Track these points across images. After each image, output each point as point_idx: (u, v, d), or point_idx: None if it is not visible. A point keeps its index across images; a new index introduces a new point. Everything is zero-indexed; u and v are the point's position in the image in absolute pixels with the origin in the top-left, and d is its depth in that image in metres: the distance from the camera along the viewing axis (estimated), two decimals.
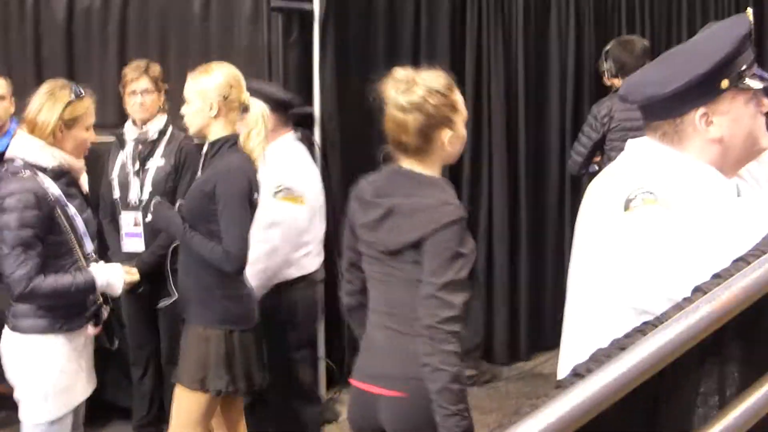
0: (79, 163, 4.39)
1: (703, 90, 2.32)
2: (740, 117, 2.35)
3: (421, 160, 3.34)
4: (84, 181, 4.55)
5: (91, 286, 4.18)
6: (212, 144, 4.36)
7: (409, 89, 3.42)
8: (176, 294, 4.80)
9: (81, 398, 4.34)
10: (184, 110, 4.39)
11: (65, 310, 4.18)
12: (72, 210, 4.22)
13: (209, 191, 4.22)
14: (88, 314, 4.29)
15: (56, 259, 4.14)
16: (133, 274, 4.54)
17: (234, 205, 4.22)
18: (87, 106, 4.32)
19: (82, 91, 4.31)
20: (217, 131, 4.33)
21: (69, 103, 4.22)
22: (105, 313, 4.40)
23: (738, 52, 2.32)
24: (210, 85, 4.31)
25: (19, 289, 4.03)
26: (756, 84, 2.35)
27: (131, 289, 5.33)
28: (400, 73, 3.45)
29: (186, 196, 4.42)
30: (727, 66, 2.31)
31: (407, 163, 3.37)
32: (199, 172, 4.49)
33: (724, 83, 2.32)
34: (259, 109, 4.42)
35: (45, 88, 4.29)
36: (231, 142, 4.32)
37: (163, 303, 5.11)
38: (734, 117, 2.35)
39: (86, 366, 4.35)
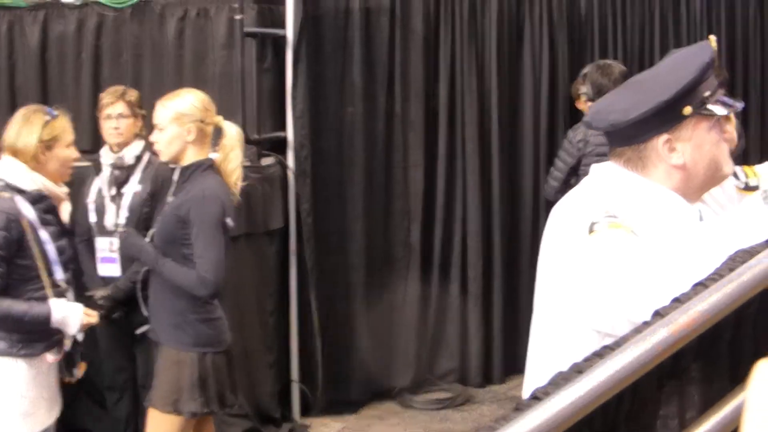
0: (61, 191, 4.41)
1: (666, 117, 2.35)
2: (703, 143, 2.38)
3: None
4: (65, 210, 4.55)
5: (45, 319, 4.16)
6: (185, 169, 4.37)
7: None
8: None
9: (42, 426, 4.30)
10: (156, 138, 4.39)
11: (24, 335, 4.18)
12: (45, 236, 4.22)
13: (183, 216, 4.24)
14: (49, 342, 4.28)
15: (23, 284, 4.14)
16: (92, 317, 4.49)
17: (208, 229, 4.23)
18: (63, 125, 4.36)
19: (56, 112, 4.34)
20: (191, 156, 4.34)
21: (45, 124, 4.25)
22: (67, 343, 4.38)
23: (700, 79, 2.34)
24: (185, 109, 4.32)
25: None
26: (719, 110, 2.37)
27: (107, 315, 5.34)
28: None
29: (158, 221, 4.43)
30: (690, 93, 2.34)
31: None
32: (170, 197, 4.48)
33: (687, 110, 2.34)
34: (235, 130, 4.42)
35: (19, 114, 4.33)
36: (204, 166, 4.33)
37: (142, 330, 5.09)
38: (697, 143, 2.38)
39: (48, 394, 4.32)
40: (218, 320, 4.46)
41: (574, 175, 6.21)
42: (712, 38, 2.46)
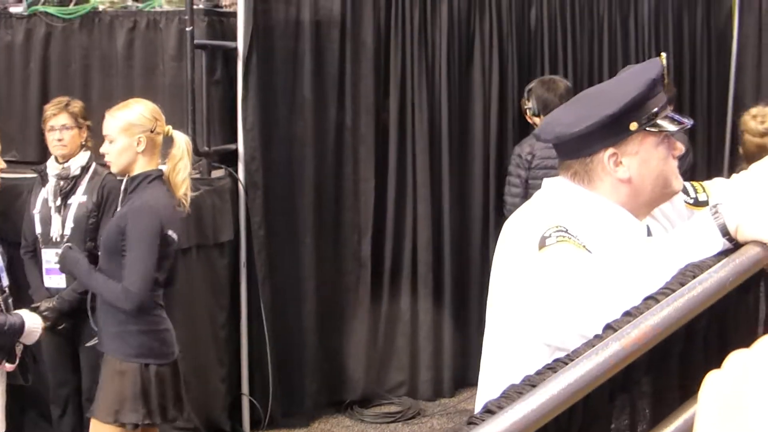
0: None
1: (612, 131, 2.39)
2: (650, 159, 2.41)
3: None
4: None
5: (20, 329, 4.14)
6: (132, 179, 4.36)
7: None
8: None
9: None
10: (105, 149, 4.37)
11: None
12: None
13: (123, 227, 4.25)
14: (5, 351, 4.26)
15: None
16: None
17: (140, 242, 4.23)
18: None
19: None
20: (141, 166, 4.34)
21: None
22: (18, 350, 4.37)
23: (647, 95, 2.38)
24: (135, 120, 4.31)
25: None
26: (668, 126, 2.40)
27: (52, 327, 5.30)
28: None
29: (103, 231, 4.42)
30: (636, 108, 2.37)
31: None
32: (119, 207, 4.47)
33: (633, 125, 2.38)
34: (183, 140, 4.41)
35: None
36: (151, 176, 4.33)
37: (91, 343, 5.04)
38: (643, 158, 2.41)
39: (2, 402, 4.30)
40: (164, 332, 4.45)
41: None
42: (663, 55, 2.49)
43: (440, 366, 7.16)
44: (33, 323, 4.27)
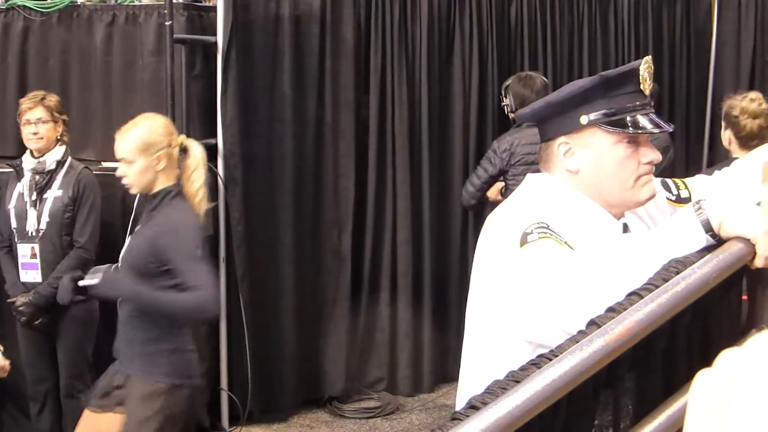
0: None
1: (564, 121, 2.46)
2: (603, 156, 2.44)
3: None
4: None
5: None
6: (153, 196, 4.24)
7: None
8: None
9: None
10: (123, 171, 4.23)
11: None
12: None
13: (157, 249, 4.11)
14: None
15: None
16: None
17: (192, 255, 4.11)
18: None
19: None
20: (161, 182, 4.23)
21: None
22: None
23: (596, 92, 2.42)
24: (151, 138, 4.19)
25: None
26: (628, 129, 2.40)
27: (28, 322, 5.28)
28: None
29: (126, 252, 4.25)
30: (586, 102, 2.43)
31: None
32: (130, 227, 4.34)
33: (583, 119, 2.41)
34: (199, 150, 4.34)
35: None
36: (172, 193, 4.22)
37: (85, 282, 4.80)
38: (596, 154, 2.44)
39: None
40: (191, 352, 4.34)
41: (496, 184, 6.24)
42: (647, 58, 2.49)
43: (419, 361, 7.16)
44: None
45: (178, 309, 4.14)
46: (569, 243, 2.20)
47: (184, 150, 4.31)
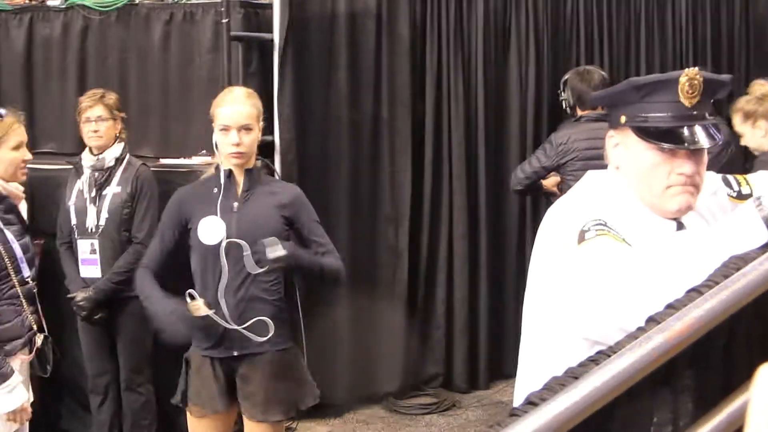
0: (18, 189, 4.40)
1: (613, 115, 2.51)
2: (636, 158, 2.44)
3: None
4: (23, 209, 4.55)
5: (7, 376, 4.13)
6: (249, 171, 4.23)
7: None
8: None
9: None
10: (245, 139, 4.16)
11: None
12: (9, 236, 4.23)
13: (289, 216, 4.24)
14: (22, 341, 4.28)
15: None
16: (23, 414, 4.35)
17: (318, 222, 4.33)
18: (8, 125, 4.29)
19: (2, 112, 4.30)
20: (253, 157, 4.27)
21: None
22: (38, 340, 4.39)
23: (631, 95, 2.41)
24: (257, 106, 4.22)
25: None
26: (654, 140, 2.39)
27: (88, 317, 5.34)
28: None
29: (251, 225, 4.17)
30: (623, 103, 2.45)
31: None
32: (219, 205, 4.20)
33: (622, 118, 2.44)
34: None
35: None
36: (261, 165, 4.29)
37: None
38: (630, 153, 2.46)
39: None
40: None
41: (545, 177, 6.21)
42: (689, 71, 2.43)
43: (476, 358, 7.16)
44: (18, 387, 4.23)
45: (333, 273, 4.35)
46: (627, 240, 2.19)
47: None
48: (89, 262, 5.48)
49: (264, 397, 4.22)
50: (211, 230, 4.16)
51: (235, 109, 4.14)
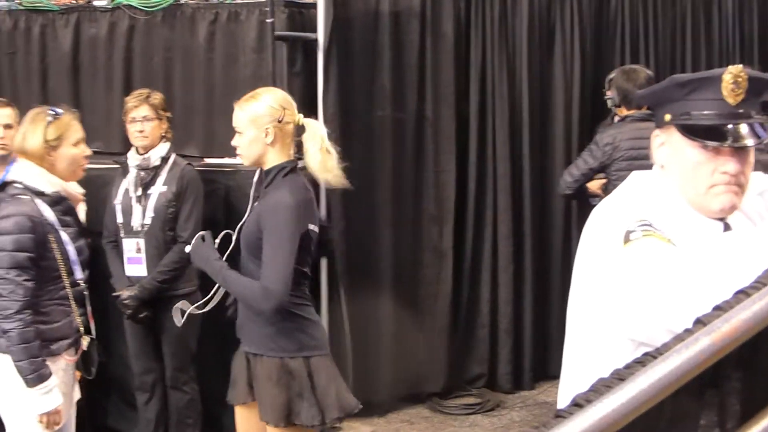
0: (77, 192, 4.43)
1: (658, 114, 2.49)
2: (679, 156, 2.42)
3: None
4: (81, 211, 4.59)
5: (45, 377, 4.17)
6: (266, 172, 4.22)
7: None
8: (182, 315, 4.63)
9: (63, 420, 4.33)
10: (236, 142, 4.24)
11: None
12: (65, 237, 4.28)
13: (261, 226, 4.11)
14: (67, 342, 4.32)
15: (45, 284, 4.20)
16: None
17: (276, 240, 4.06)
18: (67, 123, 4.35)
19: (59, 111, 4.35)
20: (273, 159, 4.20)
21: (48, 125, 4.27)
22: (84, 342, 4.42)
23: (675, 93, 2.39)
24: (262, 111, 4.18)
25: (11, 310, 4.07)
26: (694, 136, 2.37)
27: (133, 316, 5.38)
28: None
29: (243, 227, 4.25)
30: (667, 101, 2.44)
31: None
32: (250, 204, 4.31)
33: (667, 116, 2.41)
34: (316, 127, 4.32)
35: (26, 117, 4.39)
36: (286, 169, 4.18)
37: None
38: (676, 153, 2.42)
39: (66, 391, 4.35)
40: (317, 323, 4.37)
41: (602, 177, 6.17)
42: (732, 68, 2.40)
43: (520, 358, 7.14)
44: (53, 389, 4.27)
45: (240, 293, 4.16)
46: (673, 240, 2.17)
47: (303, 128, 4.27)
48: (135, 261, 5.52)
49: (260, 397, 4.25)
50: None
51: (234, 112, 4.29)
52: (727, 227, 2.44)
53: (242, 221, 4.29)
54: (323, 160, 4.24)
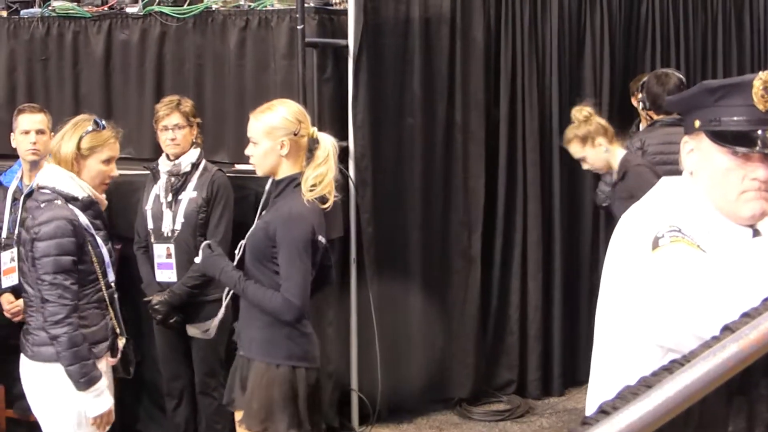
0: (101, 196, 4.46)
1: (688, 120, 2.47)
2: (709, 162, 2.41)
3: None
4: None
5: (96, 379, 4.22)
6: (277, 183, 4.28)
7: None
8: (212, 327, 4.75)
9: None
10: (250, 151, 4.29)
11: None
12: (99, 240, 4.31)
13: (272, 234, 4.16)
14: (106, 344, 4.35)
15: (83, 287, 4.23)
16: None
17: (294, 252, 4.14)
18: (105, 139, 4.36)
19: (104, 124, 4.37)
20: (285, 170, 4.24)
21: (87, 133, 4.29)
22: (121, 344, 4.45)
23: (704, 99, 2.37)
24: (277, 123, 4.21)
25: (60, 315, 4.11)
26: (724, 142, 2.36)
27: (163, 321, 5.41)
28: None
29: (249, 235, 4.31)
30: (696, 107, 2.41)
31: None
32: (259, 211, 4.39)
33: (696, 123, 2.39)
34: (329, 142, 4.32)
35: (70, 121, 4.40)
36: (297, 180, 4.22)
37: (195, 334, 5.08)
38: (705, 159, 2.41)
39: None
40: (310, 335, 4.35)
41: None
42: (763, 74, 2.39)
43: (549, 364, 7.12)
44: (103, 391, 4.31)
45: (262, 304, 4.18)
46: (701, 246, 2.17)
47: (316, 141, 4.30)
48: (165, 266, 5.54)
49: (245, 400, 4.29)
50: None
51: (249, 123, 4.32)
52: (756, 233, 2.43)
53: (251, 229, 4.34)
54: (324, 173, 4.24)
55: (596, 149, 5.66)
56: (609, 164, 5.71)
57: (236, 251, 4.37)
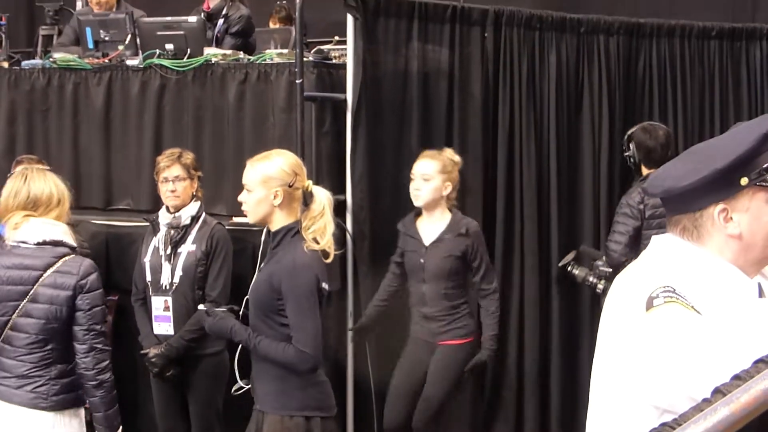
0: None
1: (721, 185, 2.31)
2: (761, 215, 2.33)
3: None
4: None
5: (119, 423, 4.30)
6: (275, 234, 4.29)
7: None
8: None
9: None
10: (243, 198, 4.34)
11: None
12: None
13: (276, 286, 4.17)
14: None
15: None
16: None
17: (303, 301, 4.15)
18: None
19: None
20: (279, 220, 4.27)
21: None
22: None
23: (758, 149, 2.30)
24: (273, 173, 4.25)
25: (106, 362, 4.30)
26: None
27: (160, 374, 5.40)
28: None
29: (252, 288, 4.33)
30: (747, 163, 2.28)
31: None
32: (258, 263, 4.44)
33: (743, 180, 2.29)
34: (324, 196, 4.35)
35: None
36: (294, 230, 4.25)
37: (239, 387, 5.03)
38: (754, 215, 2.33)
39: None
40: (324, 383, 4.38)
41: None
42: None
43: (547, 420, 7.06)
44: None
45: (276, 358, 4.19)
46: (696, 307, 2.16)
47: (311, 195, 4.32)
48: (162, 319, 5.54)
49: None
50: None
51: (245, 170, 4.41)
52: (760, 291, 2.41)
53: (252, 282, 4.36)
54: (322, 228, 4.28)
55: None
56: None
57: (240, 308, 4.38)
